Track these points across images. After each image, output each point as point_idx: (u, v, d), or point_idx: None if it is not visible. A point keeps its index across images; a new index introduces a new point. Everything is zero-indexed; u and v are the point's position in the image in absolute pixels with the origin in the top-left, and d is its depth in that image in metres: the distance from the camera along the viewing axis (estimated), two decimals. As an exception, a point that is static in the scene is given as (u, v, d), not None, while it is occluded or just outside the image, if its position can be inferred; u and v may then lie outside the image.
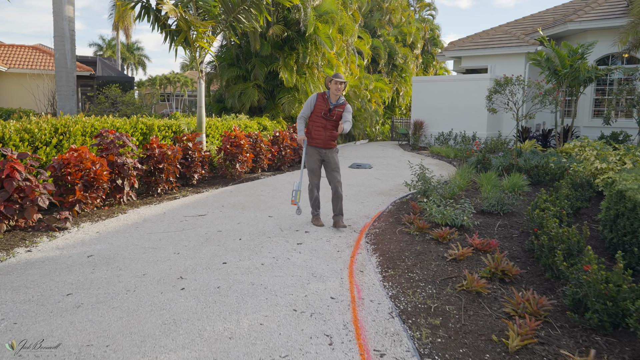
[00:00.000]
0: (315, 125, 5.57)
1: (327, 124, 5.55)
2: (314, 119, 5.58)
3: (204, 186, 8.60)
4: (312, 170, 5.66)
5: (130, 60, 47.94)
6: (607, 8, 16.00)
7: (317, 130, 5.57)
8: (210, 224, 5.78)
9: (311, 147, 5.66)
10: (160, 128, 9.38)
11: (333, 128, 5.59)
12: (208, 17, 9.58)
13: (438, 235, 4.99)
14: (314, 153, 5.64)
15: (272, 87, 14.94)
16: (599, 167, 7.60)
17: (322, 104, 5.52)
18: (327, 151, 5.63)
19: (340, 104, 5.55)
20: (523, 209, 6.54)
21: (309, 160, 5.67)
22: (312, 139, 5.61)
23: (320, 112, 5.51)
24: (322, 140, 5.58)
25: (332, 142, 5.65)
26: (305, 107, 5.64)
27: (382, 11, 23.75)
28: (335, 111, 5.53)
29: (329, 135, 5.59)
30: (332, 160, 5.64)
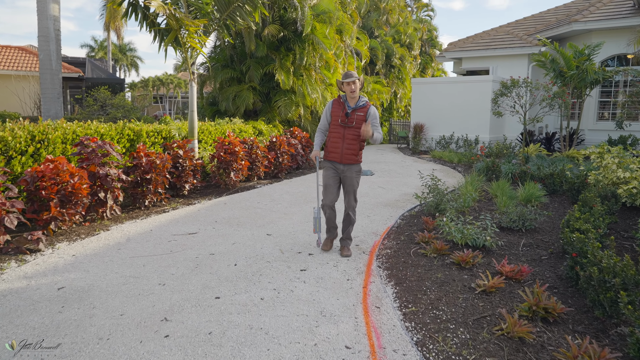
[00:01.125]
0: (332, 135, 4.74)
1: (346, 133, 4.65)
2: (332, 129, 4.76)
3: (196, 197, 7.97)
4: (327, 187, 4.80)
5: (122, 61, 47.17)
6: (612, 8, 15.54)
7: (334, 142, 4.72)
8: (202, 244, 5.16)
9: (327, 161, 4.85)
10: (149, 134, 8.76)
11: (353, 139, 4.66)
12: (200, 15, 8.97)
13: (460, 259, 4.40)
14: (331, 167, 4.81)
15: (268, 89, 14.34)
16: (621, 176, 7.05)
17: (338, 110, 4.72)
18: (345, 168, 4.73)
19: (360, 106, 4.68)
20: (546, 224, 5.97)
21: (324, 174, 4.84)
22: (328, 152, 4.78)
23: (337, 120, 4.70)
24: (339, 153, 4.69)
25: (351, 157, 4.69)
26: (322, 118, 4.88)
27: (379, 11, 23.22)
28: (354, 116, 4.65)
29: (347, 148, 4.66)
30: (349, 180, 4.75)
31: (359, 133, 4.64)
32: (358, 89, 4.66)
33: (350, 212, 4.86)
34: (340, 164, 4.73)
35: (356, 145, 4.68)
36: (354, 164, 4.73)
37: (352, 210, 4.86)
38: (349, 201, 4.83)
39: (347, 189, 4.80)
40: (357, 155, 4.72)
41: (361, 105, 4.69)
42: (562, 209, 7.05)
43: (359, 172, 4.80)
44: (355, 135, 4.66)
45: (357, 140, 4.68)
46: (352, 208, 4.85)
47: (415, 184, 9.43)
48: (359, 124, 4.64)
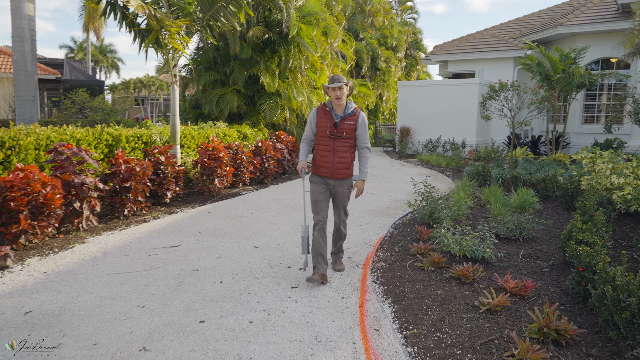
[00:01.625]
0: (321, 148, 4.23)
1: (336, 144, 4.17)
2: (319, 141, 4.26)
3: (178, 205, 7.62)
4: (317, 203, 4.24)
5: (103, 63, 46.23)
6: (596, 12, 15.61)
7: (323, 155, 4.21)
8: (185, 258, 4.83)
9: (316, 176, 4.32)
10: (128, 139, 8.38)
11: (345, 150, 4.19)
12: (182, 15, 8.62)
13: (460, 274, 4.17)
14: (320, 182, 4.28)
15: (253, 92, 14.01)
16: (616, 182, 6.93)
17: (324, 119, 4.19)
18: (337, 183, 4.26)
19: (349, 114, 4.19)
20: (542, 233, 5.79)
21: (313, 189, 4.29)
22: (318, 166, 4.27)
23: (324, 131, 4.18)
24: (330, 168, 4.19)
25: (344, 171, 4.21)
26: (306, 128, 4.36)
27: (364, 14, 23.06)
28: (343, 125, 4.15)
29: (339, 162, 4.18)
30: (341, 196, 4.31)
31: (352, 144, 4.24)
32: (345, 95, 4.13)
33: (341, 227, 4.51)
34: (331, 179, 4.25)
35: (348, 157, 4.24)
36: (345, 178, 4.28)
37: (343, 224, 4.51)
38: (339, 215, 4.46)
39: (337, 204, 4.40)
40: (350, 168, 4.28)
41: (350, 112, 4.20)
42: (556, 216, 6.89)
43: (351, 186, 4.37)
44: (347, 147, 4.20)
45: (349, 152, 4.23)
46: (342, 222, 4.50)
47: (405, 189, 9.22)
48: (350, 134, 4.18)
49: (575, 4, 19.04)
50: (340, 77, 4.11)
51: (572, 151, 15.83)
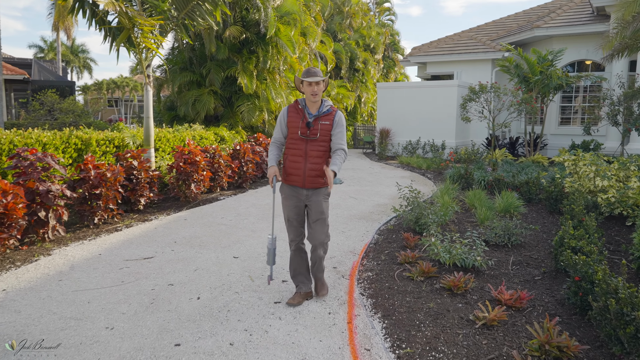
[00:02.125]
0: (291, 152, 3.66)
1: (309, 148, 3.59)
2: (290, 144, 3.69)
3: (153, 212, 7.27)
4: (289, 221, 3.73)
5: (74, 63, 44.96)
6: (572, 15, 15.79)
7: (294, 161, 3.63)
8: (159, 271, 4.52)
9: (287, 186, 3.71)
10: (99, 142, 7.99)
11: (319, 155, 3.61)
12: (155, 13, 8.26)
13: (451, 284, 3.97)
14: (291, 194, 3.68)
15: (230, 93, 13.67)
16: (600, 184, 6.88)
17: (295, 118, 3.63)
18: (311, 192, 3.65)
19: (324, 112, 3.64)
20: (530, 238, 5.66)
21: (284, 203, 3.73)
22: (287, 174, 3.67)
23: (296, 132, 3.61)
24: (301, 176, 3.61)
25: (317, 179, 3.63)
26: (276, 129, 3.78)
27: (342, 15, 22.92)
28: (318, 125, 3.59)
29: (312, 168, 3.60)
30: (316, 206, 3.65)
31: (327, 147, 3.63)
32: (322, 91, 3.61)
33: (319, 250, 3.73)
34: (303, 188, 3.64)
35: (323, 162, 3.63)
36: (320, 187, 3.66)
37: (322, 245, 3.72)
38: (316, 234, 3.66)
39: (313, 217, 3.66)
40: (323, 176, 3.63)
41: (325, 111, 3.64)
42: (541, 220, 6.80)
43: (329, 195, 3.74)
44: (322, 151, 3.61)
45: (323, 157, 3.63)
46: (321, 243, 3.70)
47: (387, 193, 9.04)
48: (325, 136, 3.60)
49: (551, 7, 19.28)
50: (317, 70, 3.59)
51: (550, 152, 15.98)
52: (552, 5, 19.44)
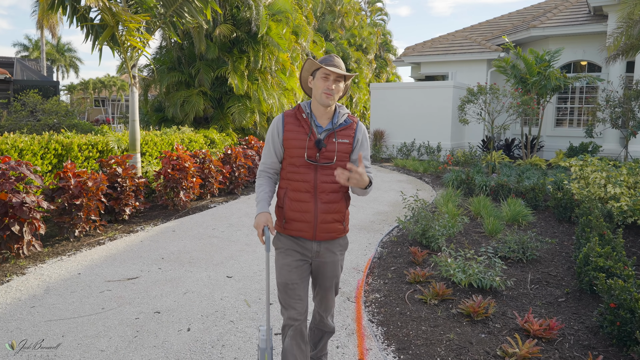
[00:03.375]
0: (294, 186, 2.45)
1: (320, 179, 2.41)
2: (290, 174, 2.46)
3: (139, 222, 6.79)
4: (286, 287, 2.44)
5: (60, 62, 44.05)
6: (569, 15, 15.56)
7: (297, 199, 2.44)
8: (145, 295, 4.07)
9: (285, 237, 2.51)
10: (81, 147, 7.49)
11: (334, 190, 2.44)
12: (142, 10, 7.78)
13: (471, 310, 3.59)
14: (292, 250, 2.48)
15: (220, 94, 13.19)
16: (612, 191, 6.56)
17: (297, 133, 2.43)
18: (322, 247, 2.48)
19: (341, 125, 2.46)
20: (545, 251, 5.30)
21: (280, 261, 2.49)
22: (288, 219, 2.47)
23: (299, 154, 2.41)
24: (311, 222, 2.43)
25: (334, 225, 2.47)
26: (265, 151, 2.52)
27: (334, 14, 22.52)
28: (334, 145, 2.41)
29: (325, 209, 2.43)
30: (331, 268, 2.53)
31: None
32: (341, 93, 2.45)
33: (326, 319, 2.70)
34: (312, 241, 2.46)
35: (342, 200, 2.47)
36: (335, 238, 2.50)
37: (329, 313, 2.69)
38: (323, 301, 2.62)
39: (324, 282, 2.55)
40: (345, 219, 2.51)
41: (343, 123, 2.46)
42: (551, 229, 6.46)
43: (346, 248, 2.61)
44: (336, 181, 2.40)
45: (341, 193, 2.47)
46: (329, 311, 2.67)
47: (386, 199, 8.65)
48: (343, 160, 2.43)
49: (545, 7, 19.08)
50: (340, 61, 2.45)
51: (546, 154, 15.74)
52: (547, 5, 19.24)
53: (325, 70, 2.36)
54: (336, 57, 2.46)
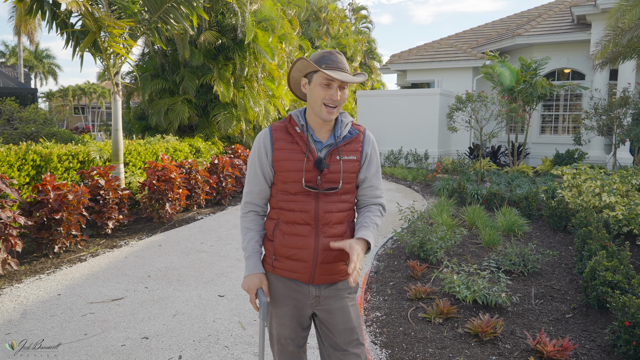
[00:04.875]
0: (287, 217, 1.95)
1: (322, 208, 1.93)
2: (281, 202, 1.96)
3: (123, 236, 6.50)
4: (278, 341, 2.04)
5: (38, 69, 43.18)
6: (552, 23, 15.72)
7: (293, 233, 1.94)
8: (131, 318, 3.80)
9: (275, 278, 2.01)
10: (61, 158, 7.18)
11: (339, 220, 1.97)
12: (125, 15, 7.52)
13: (478, 330, 3.41)
14: (285, 296, 2.00)
15: (206, 102, 12.92)
16: (607, 200, 6.50)
17: (291, 152, 1.93)
18: (324, 292, 1.99)
19: (347, 138, 1.98)
20: (545, 263, 5.17)
21: (273, 313, 2.04)
22: (279, 256, 1.98)
23: (295, 179, 1.91)
24: (309, 262, 1.94)
25: (336, 266, 1.98)
26: (250, 175, 2.02)
27: (319, 21, 22.46)
28: (338, 164, 1.93)
29: (327, 246, 1.92)
30: (341, 315, 1.97)
31: (352, 202, 2.01)
32: (345, 100, 1.93)
33: None
34: (309, 285, 1.98)
35: (346, 233, 1.98)
36: (338, 281, 2.00)
37: None
38: None
39: (339, 338, 1.97)
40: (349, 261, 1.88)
41: (348, 134, 1.98)
42: (547, 239, 6.36)
43: (356, 292, 2.07)
44: (345, 211, 1.98)
45: (346, 222, 1.99)
46: None
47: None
48: (350, 182, 1.97)
49: (529, 15, 19.28)
50: (343, 59, 1.91)
51: (532, 161, 15.81)
52: (530, 13, 19.45)
53: (326, 76, 1.83)
54: (338, 54, 1.90)
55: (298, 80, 1.98)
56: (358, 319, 2.01)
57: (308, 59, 1.87)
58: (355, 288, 2.06)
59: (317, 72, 1.86)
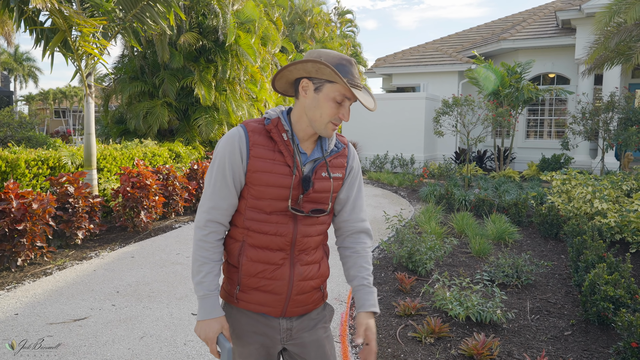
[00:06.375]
0: (254, 239, 1.60)
1: (300, 231, 1.61)
2: (249, 221, 1.60)
3: (94, 246, 6.11)
4: None
5: (18, 71, 42.18)
6: (537, 28, 15.71)
7: (264, 260, 1.60)
8: (93, 341, 3.45)
9: (238, 312, 1.67)
10: (29, 164, 6.78)
11: (316, 245, 1.67)
12: (98, 13, 7.16)
13: (473, 352, 3.14)
14: (250, 332, 1.65)
15: (186, 105, 12.54)
16: (599, 207, 6.32)
17: (272, 164, 1.56)
18: (296, 324, 1.68)
19: (334, 152, 1.67)
20: (539, 275, 4.95)
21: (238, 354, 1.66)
22: (245, 287, 1.62)
23: (273, 195, 1.57)
24: (282, 294, 1.61)
25: (311, 295, 1.68)
26: (215, 184, 1.59)
27: (304, 24, 22.23)
28: (324, 183, 1.62)
29: (303, 275, 1.64)
30: (313, 350, 1.67)
31: (327, 223, 1.72)
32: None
33: None
34: (280, 318, 1.66)
35: (323, 259, 1.74)
36: (317, 307, 1.74)
37: None
38: None
39: None
40: (324, 283, 1.75)
41: (335, 148, 1.68)
42: (538, 247, 6.15)
43: (331, 318, 1.79)
44: (321, 235, 1.70)
45: (322, 244, 1.73)
46: None
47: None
48: (330, 202, 1.67)
49: (513, 20, 19.30)
50: (355, 68, 1.56)
51: (518, 166, 15.73)
52: (515, 18, 19.48)
53: (347, 93, 1.52)
54: (356, 65, 1.56)
55: (293, 78, 1.60)
56: (333, 350, 1.73)
57: (327, 64, 1.47)
58: (331, 315, 1.79)
59: (334, 84, 1.52)
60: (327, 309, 1.79)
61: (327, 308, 1.79)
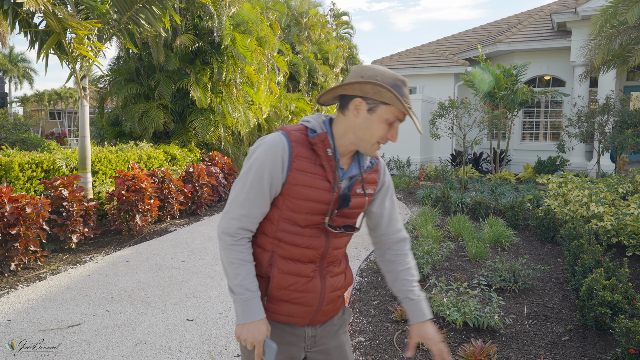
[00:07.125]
0: (285, 250, 1.58)
1: (332, 245, 1.62)
2: (282, 232, 1.57)
3: (88, 250, 6.06)
4: None
5: (13, 72, 41.96)
6: (533, 30, 15.76)
7: (294, 272, 1.59)
8: (87, 349, 3.40)
9: (274, 322, 1.64)
10: (23, 167, 6.71)
11: (343, 258, 1.75)
12: (93, 16, 7.12)
13: (471, 358, 3.12)
14: (279, 344, 1.61)
15: (182, 107, 12.48)
16: (596, 210, 6.32)
17: (313, 179, 1.53)
18: (320, 331, 1.70)
19: (369, 168, 1.66)
20: (536, 279, 4.93)
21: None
22: (274, 299, 1.61)
23: (311, 209, 1.54)
24: (314, 305, 1.62)
25: (338, 302, 1.73)
26: (250, 192, 1.52)
27: (300, 26, 22.20)
28: (359, 199, 1.63)
29: (333, 286, 1.66)
30: (337, 355, 1.72)
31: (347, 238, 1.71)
32: None
33: None
34: (307, 327, 1.67)
35: (347, 268, 1.79)
36: (335, 314, 1.75)
37: None
38: None
39: None
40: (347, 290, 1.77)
41: (370, 164, 1.67)
42: (535, 250, 6.15)
43: (348, 321, 1.83)
44: (347, 244, 1.74)
45: (344, 256, 1.77)
46: None
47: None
48: (355, 217, 1.69)
49: (509, 22, 19.35)
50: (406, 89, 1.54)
51: (514, 168, 15.76)
52: (511, 20, 19.53)
53: (402, 116, 1.53)
54: (407, 84, 1.54)
55: (346, 95, 1.53)
56: (351, 354, 1.81)
57: (389, 87, 1.44)
58: (349, 318, 1.84)
59: (390, 106, 1.50)
60: (346, 312, 1.82)
61: (346, 312, 1.82)
